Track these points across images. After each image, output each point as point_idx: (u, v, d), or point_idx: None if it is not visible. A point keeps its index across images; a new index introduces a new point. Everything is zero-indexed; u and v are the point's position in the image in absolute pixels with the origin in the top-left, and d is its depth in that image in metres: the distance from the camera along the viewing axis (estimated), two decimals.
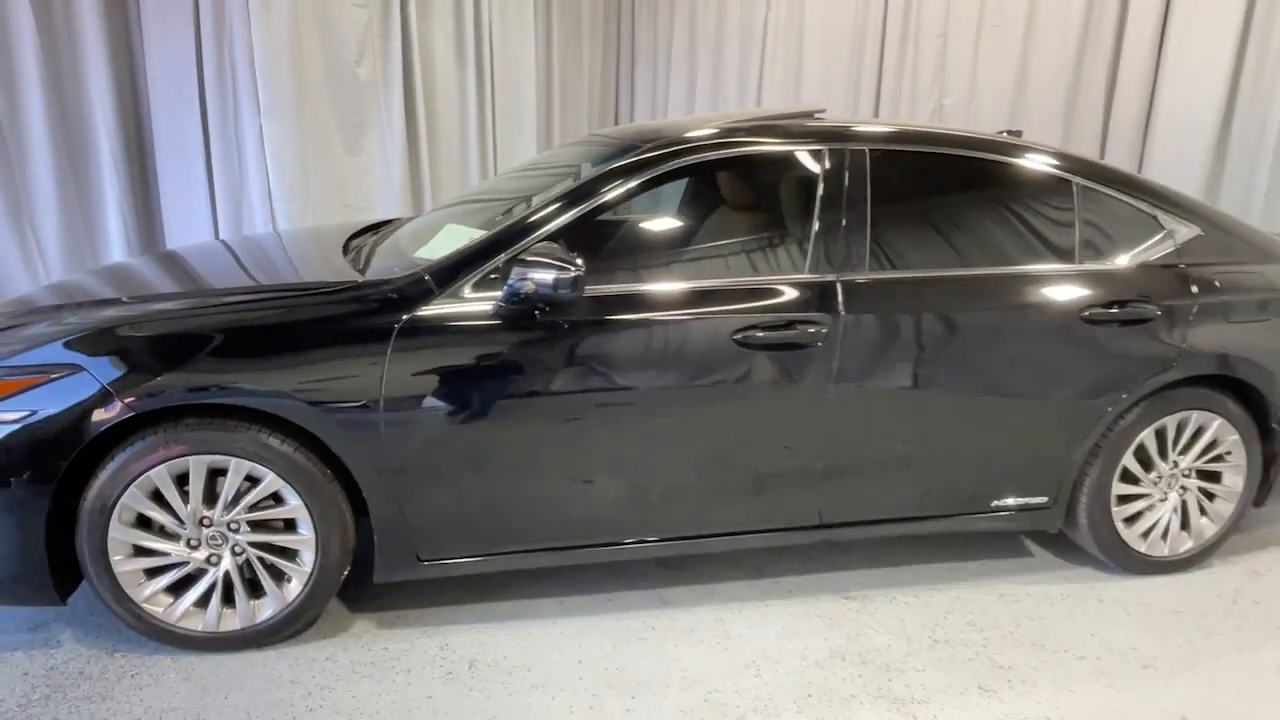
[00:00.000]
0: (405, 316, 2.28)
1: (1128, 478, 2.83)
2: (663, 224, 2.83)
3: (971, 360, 2.61)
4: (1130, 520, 2.88)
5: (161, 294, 2.59)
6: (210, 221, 4.80)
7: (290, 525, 2.33)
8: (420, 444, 2.32)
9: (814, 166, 2.59)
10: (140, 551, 2.27)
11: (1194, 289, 2.77)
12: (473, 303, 2.33)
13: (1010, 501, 2.79)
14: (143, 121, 4.70)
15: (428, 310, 2.30)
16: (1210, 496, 2.94)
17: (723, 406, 2.48)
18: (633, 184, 2.49)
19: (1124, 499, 2.85)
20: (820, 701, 2.26)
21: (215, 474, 2.25)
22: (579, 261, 2.24)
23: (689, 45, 7.29)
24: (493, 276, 2.35)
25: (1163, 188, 2.97)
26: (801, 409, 2.53)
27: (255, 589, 2.36)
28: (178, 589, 2.32)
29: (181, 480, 2.24)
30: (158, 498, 2.24)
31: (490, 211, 2.74)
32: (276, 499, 2.30)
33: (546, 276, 2.22)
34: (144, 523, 2.26)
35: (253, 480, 2.27)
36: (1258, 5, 4.99)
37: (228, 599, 2.34)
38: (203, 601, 2.33)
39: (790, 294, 2.50)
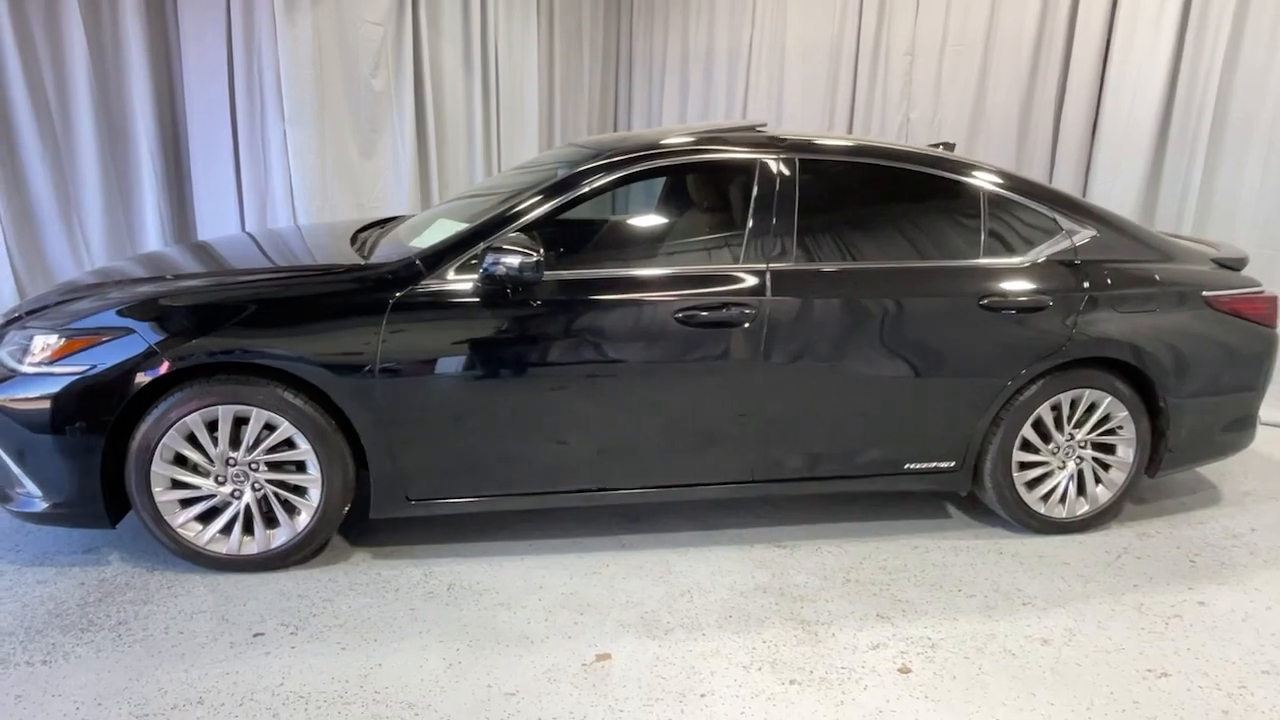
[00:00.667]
0: (398, 294, 2.73)
1: (1028, 447, 3.23)
2: (620, 220, 3.29)
3: (883, 339, 3.02)
4: (1032, 485, 3.28)
5: (199, 273, 3.07)
6: (238, 216, 5.29)
7: (300, 466, 2.79)
8: (409, 401, 2.76)
9: (751, 171, 3.02)
10: (176, 485, 2.74)
11: (1085, 283, 3.17)
12: (455, 283, 2.78)
13: (921, 465, 3.20)
14: (179, 126, 5.20)
15: (418, 289, 2.76)
16: (1105, 466, 3.33)
17: (667, 376, 2.91)
18: (595, 185, 2.92)
19: (1025, 465, 3.25)
20: (739, 621, 2.69)
21: (240, 422, 2.71)
22: (541, 249, 2.69)
23: (681, 60, 7.77)
24: (473, 262, 2.80)
25: (1065, 194, 3.39)
26: (734, 380, 2.95)
27: (271, 520, 2.82)
28: (207, 518, 2.79)
29: (212, 426, 2.70)
30: (192, 440, 2.70)
31: (477, 207, 3.19)
32: (290, 444, 2.74)
33: (514, 261, 2.67)
34: (180, 461, 2.72)
35: (270, 428, 2.72)
36: (1189, 30, 5.41)
37: (248, 528, 2.80)
38: (227, 529, 2.79)
39: (726, 280, 2.93)
